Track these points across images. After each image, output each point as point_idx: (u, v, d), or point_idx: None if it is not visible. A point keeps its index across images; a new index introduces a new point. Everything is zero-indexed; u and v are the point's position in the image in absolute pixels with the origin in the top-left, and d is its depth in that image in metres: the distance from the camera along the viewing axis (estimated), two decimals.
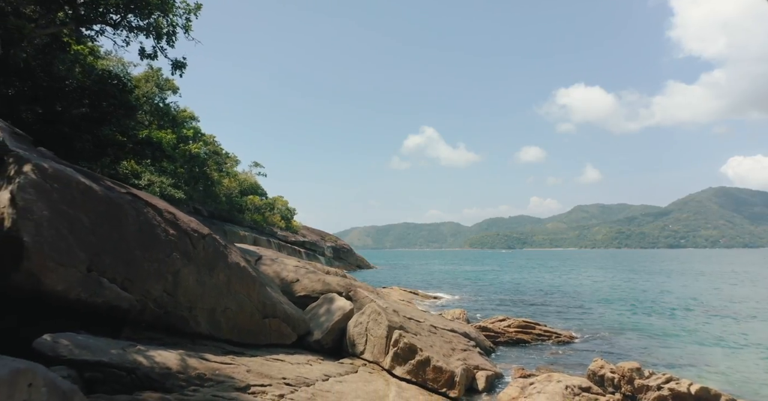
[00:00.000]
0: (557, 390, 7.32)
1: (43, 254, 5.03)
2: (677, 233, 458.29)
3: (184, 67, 12.99)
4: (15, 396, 1.74)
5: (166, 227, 6.42)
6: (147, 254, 6.03)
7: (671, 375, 7.39)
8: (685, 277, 39.45)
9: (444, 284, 32.55)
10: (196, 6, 12.62)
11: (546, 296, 23.99)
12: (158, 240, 6.24)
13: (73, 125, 12.68)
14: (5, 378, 1.67)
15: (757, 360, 10.94)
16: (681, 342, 12.86)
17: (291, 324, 8.02)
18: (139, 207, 6.24)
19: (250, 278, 7.46)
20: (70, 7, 11.81)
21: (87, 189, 5.66)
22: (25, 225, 4.96)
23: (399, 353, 7.75)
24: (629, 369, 7.27)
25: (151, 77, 30.10)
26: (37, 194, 5.18)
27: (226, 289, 6.99)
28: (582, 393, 7.36)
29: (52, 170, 5.46)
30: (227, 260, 7.17)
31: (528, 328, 13.02)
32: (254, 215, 47.91)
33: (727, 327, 15.14)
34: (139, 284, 5.85)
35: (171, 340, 6.21)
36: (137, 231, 6.03)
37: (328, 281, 10.11)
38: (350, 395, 5.99)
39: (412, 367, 7.63)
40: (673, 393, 6.92)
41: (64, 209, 5.34)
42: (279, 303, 7.97)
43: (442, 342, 9.00)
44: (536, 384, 7.57)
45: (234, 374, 5.56)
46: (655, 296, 24.68)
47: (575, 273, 45.55)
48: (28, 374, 1.86)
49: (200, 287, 6.58)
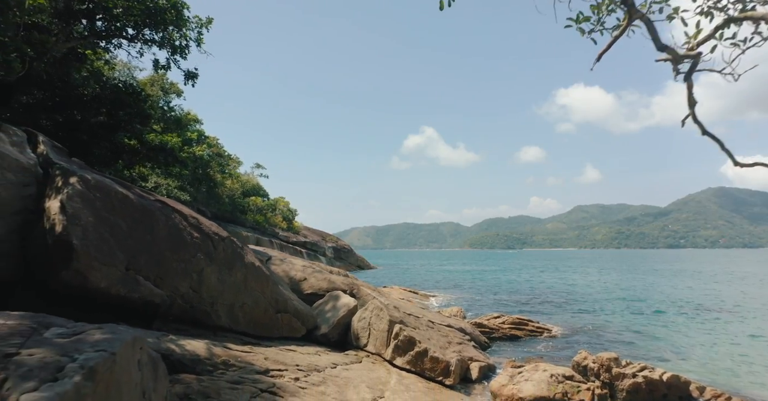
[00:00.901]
0: (543, 378, 8.07)
1: (89, 255, 5.77)
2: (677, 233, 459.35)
3: (196, 77, 13.73)
4: (134, 356, 2.48)
5: (191, 230, 7.17)
6: (175, 255, 6.78)
7: (646, 364, 8.15)
8: (680, 277, 40.19)
9: (443, 284, 33.29)
10: (207, 20, 13.36)
11: (541, 296, 24.73)
12: (184, 243, 6.98)
13: (92, 133, 13.43)
14: (129, 341, 2.41)
15: (735, 355, 11.68)
16: (665, 337, 13.60)
17: (300, 318, 8.77)
18: (167, 213, 6.98)
19: (264, 276, 8.21)
20: (88, 22, 12.55)
21: (124, 197, 6.41)
22: (74, 230, 5.70)
23: (399, 345, 8.49)
24: (607, 359, 8.01)
25: (156, 81, 30.86)
26: (83, 203, 5.92)
27: (243, 286, 7.74)
28: (566, 381, 8.10)
29: (95, 181, 6.21)
30: (244, 261, 7.92)
31: (521, 325, 13.77)
32: (256, 216, 48.65)
33: (711, 324, 15.89)
34: (168, 282, 6.60)
35: (196, 332, 6.95)
36: (167, 235, 6.78)
37: (333, 279, 10.85)
38: (356, 380, 6.74)
39: (411, 358, 8.37)
40: (646, 380, 7.67)
41: (105, 216, 6.09)
42: (290, 300, 8.72)
43: (439, 335, 9.75)
44: (524, 372, 8.31)
45: (253, 361, 6.30)
46: (645, 294, 25.43)
47: (572, 273, 46.31)
48: (140, 340, 2.59)
49: (221, 284, 7.32)
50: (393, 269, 59.67)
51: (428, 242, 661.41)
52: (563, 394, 7.82)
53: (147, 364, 2.75)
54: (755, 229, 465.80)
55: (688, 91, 3.00)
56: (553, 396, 7.75)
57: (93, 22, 12.42)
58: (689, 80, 3.04)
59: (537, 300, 22.56)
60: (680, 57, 2.98)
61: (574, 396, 7.85)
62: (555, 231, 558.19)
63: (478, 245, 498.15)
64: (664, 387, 7.73)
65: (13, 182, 6.09)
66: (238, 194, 47.76)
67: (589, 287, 30.75)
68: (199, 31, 13.25)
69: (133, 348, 2.43)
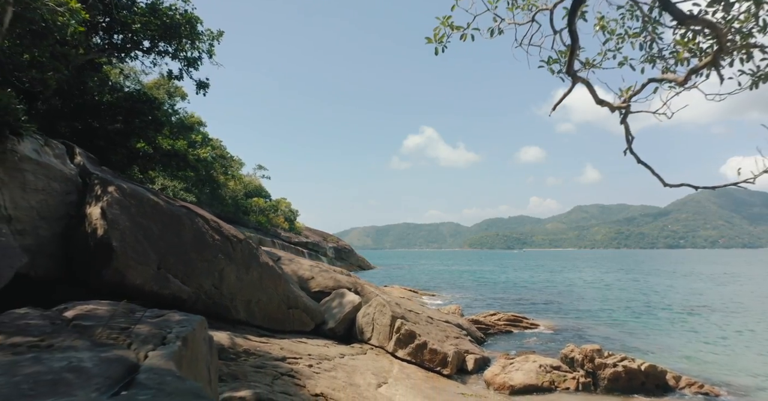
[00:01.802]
0: (532, 368, 8.82)
1: (127, 256, 6.52)
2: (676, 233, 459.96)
3: (207, 87, 14.47)
4: (202, 333, 3.24)
5: (212, 233, 7.92)
6: (200, 255, 7.53)
7: (626, 355, 8.90)
8: (675, 277, 40.94)
9: (443, 284, 34.03)
10: (218, 33, 14.11)
11: (538, 294, 25.48)
12: (207, 244, 7.73)
13: (108, 139, 14.17)
14: (200, 322, 3.16)
15: (717, 349, 12.43)
16: (652, 333, 14.36)
17: (310, 314, 9.52)
18: (192, 217, 7.73)
19: (277, 275, 8.96)
20: (107, 35, 13.30)
21: (155, 204, 7.16)
22: (113, 234, 6.45)
23: (401, 338, 9.25)
24: (591, 350, 8.76)
25: (162, 85, 31.62)
26: (121, 209, 6.67)
27: (259, 284, 8.48)
28: (553, 371, 8.86)
29: (129, 189, 6.96)
30: (259, 261, 8.67)
31: (516, 321, 14.52)
32: (259, 216, 49.37)
33: (699, 321, 16.64)
34: (194, 280, 7.35)
35: (217, 325, 7.70)
36: (192, 237, 7.52)
37: (338, 278, 11.60)
38: (362, 367, 7.49)
39: (412, 350, 9.12)
40: (626, 369, 8.42)
41: (139, 221, 6.84)
42: (300, 297, 9.47)
43: (437, 330, 10.50)
44: (515, 363, 9.07)
45: (271, 350, 7.05)
46: (638, 294, 26.18)
47: (570, 273, 47.06)
48: (204, 321, 3.35)
49: (239, 282, 8.07)
50: (393, 269, 60.43)
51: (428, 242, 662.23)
52: (550, 382, 8.58)
53: (207, 341, 3.51)
54: (755, 229, 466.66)
55: (625, 130, 3.77)
56: (541, 384, 8.51)
57: (112, 35, 13.17)
58: (625, 123, 3.80)
59: (533, 299, 23.32)
60: (614, 108, 3.73)
61: (560, 384, 8.61)
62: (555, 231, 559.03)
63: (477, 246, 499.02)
64: (642, 376, 8.48)
65: (58, 190, 6.84)
66: (241, 195, 48.51)
67: (585, 286, 31.51)
68: (210, 43, 14.00)
69: (201, 327, 3.19)
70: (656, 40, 3.70)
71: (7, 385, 1.79)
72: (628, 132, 3.76)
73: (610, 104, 3.74)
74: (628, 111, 3.75)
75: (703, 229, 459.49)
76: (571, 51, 3.44)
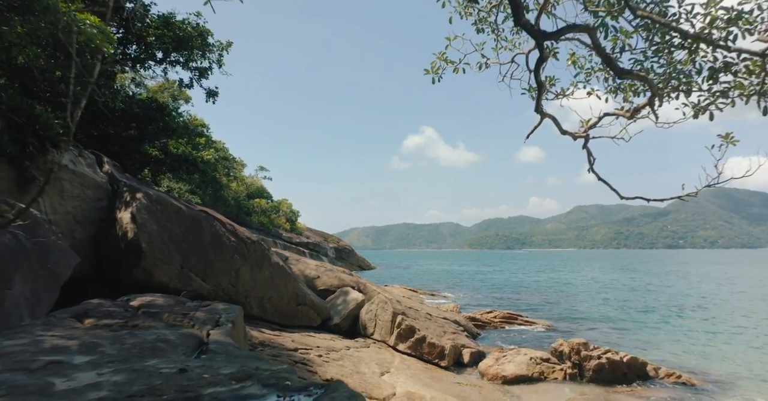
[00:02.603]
0: (523, 361, 9.52)
1: (154, 256, 7.21)
2: (676, 233, 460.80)
3: (217, 95, 15.17)
4: (241, 319, 3.94)
5: (229, 235, 8.61)
6: (217, 256, 8.23)
7: (610, 348, 9.60)
8: (671, 277, 41.67)
9: (442, 283, 34.74)
10: (227, 44, 14.80)
11: (535, 294, 26.20)
12: (224, 246, 8.43)
13: (123, 145, 14.87)
14: (240, 310, 3.86)
15: (700, 344, 13.13)
16: (642, 330, 15.06)
17: (317, 310, 10.22)
18: (210, 221, 8.43)
19: (286, 274, 9.66)
20: (120, 46, 13.99)
21: (178, 209, 7.86)
22: (143, 236, 7.15)
23: (401, 333, 9.95)
24: (577, 343, 9.47)
25: (166, 88, 32.33)
26: (148, 214, 7.37)
27: (270, 282, 9.18)
28: (542, 363, 9.56)
29: (155, 196, 7.66)
30: (270, 261, 9.37)
31: (511, 319, 15.23)
32: (261, 217, 50.05)
33: (688, 320, 17.35)
34: (213, 278, 8.05)
35: None
36: (211, 239, 8.22)
37: (342, 277, 12.30)
38: (367, 358, 8.19)
39: (412, 343, 9.83)
40: (609, 361, 9.13)
41: (165, 224, 7.54)
42: (307, 294, 10.17)
43: (435, 326, 11.20)
44: (508, 356, 9.77)
45: (283, 342, 7.76)
46: (632, 294, 26.90)
47: (567, 273, 47.79)
48: (241, 310, 4.06)
49: (253, 280, 8.77)
50: (393, 269, 61.11)
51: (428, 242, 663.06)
52: (540, 373, 9.29)
53: (243, 326, 4.21)
54: (754, 229, 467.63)
55: (587, 154, 4.48)
56: (531, 375, 9.21)
57: (126, 47, 13.86)
58: (586, 148, 4.51)
59: (530, 298, 24.03)
60: (576, 137, 4.43)
61: (549, 374, 9.31)
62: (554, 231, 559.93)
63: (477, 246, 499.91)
64: (624, 367, 9.19)
65: (91, 197, 7.53)
66: (243, 196, 49.19)
67: (581, 286, 32.22)
68: (219, 53, 14.69)
69: (240, 314, 3.89)
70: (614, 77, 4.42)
71: (122, 350, 2.49)
72: (590, 155, 4.47)
73: (572, 134, 4.44)
74: (587, 139, 4.46)
75: (703, 229, 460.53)
76: (538, 94, 4.13)
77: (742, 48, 3.14)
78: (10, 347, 2.32)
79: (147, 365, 2.21)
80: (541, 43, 3.53)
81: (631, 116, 4.10)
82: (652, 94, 3.72)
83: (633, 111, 4.04)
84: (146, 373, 2.07)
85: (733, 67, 3.43)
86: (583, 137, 4.42)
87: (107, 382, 1.94)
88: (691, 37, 3.26)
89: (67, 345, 2.44)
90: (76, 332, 2.74)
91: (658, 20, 3.28)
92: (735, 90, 3.41)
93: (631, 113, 4.07)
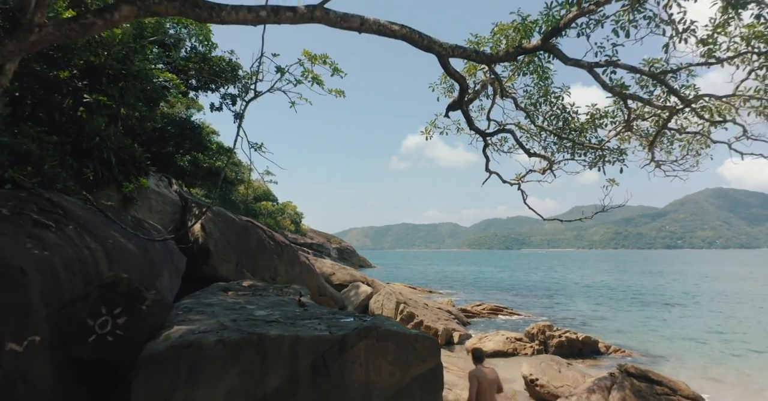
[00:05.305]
0: (500, 340, 11.93)
1: (219, 256, 9.61)
2: (674, 233, 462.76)
3: (243, 118, 17.52)
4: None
5: (268, 240, 11.01)
6: (261, 256, 10.63)
7: (569, 329, 12.02)
8: (666, 276, 44.09)
9: (441, 283, 37.10)
10: (253, 72, 17.18)
11: (524, 290, 28.61)
12: (266, 248, 10.82)
13: (163, 161, 17.25)
14: (306, 289, 6.27)
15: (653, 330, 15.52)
16: (614, 319, 17.47)
17: (334, 300, 12.63)
18: (255, 229, 10.83)
19: (312, 271, 12.06)
20: None
21: (232, 220, 10.26)
22: (210, 241, 9.55)
23: (403, 317, 12.35)
24: (543, 326, 11.88)
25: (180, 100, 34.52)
26: (213, 225, 9.76)
27: (300, 277, 11.58)
28: (516, 342, 11.97)
29: (217, 210, 10.06)
30: (299, 260, 11.77)
31: (497, 310, 17.64)
32: (267, 219, 52.27)
33: (662, 312, 19.77)
34: (258, 273, 10.44)
35: None
36: (256, 243, 10.62)
37: (354, 274, 14.71)
38: None
39: (411, 326, 12.22)
40: (567, 339, 11.54)
41: (224, 232, 9.93)
42: (327, 287, 12.58)
43: (431, 314, 13.60)
44: (489, 336, 12.18)
45: None
46: (612, 291, 29.32)
47: (559, 273, 50.20)
48: (306, 289, 6.45)
49: (287, 275, 11.17)
50: (392, 268, 63.45)
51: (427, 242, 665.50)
52: (513, 349, 11.69)
53: None
54: (752, 230, 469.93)
55: (522, 194, 6.91)
56: (506, 350, 11.62)
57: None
58: (521, 190, 6.92)
59: (519, 293, 26.45)
60: (513, 183, 6.83)
61: (521, 350, 11.72)
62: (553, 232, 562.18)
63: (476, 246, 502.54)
64: (580, 344, 11.61)
65: (168, 211, 9.93)
66: (251, 199, 51.48)
67: (568, 284, 34.63)
68: (246, 82, 17.06)
69: (307, 291, 6.29)
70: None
71: (266, 303, 4.88)
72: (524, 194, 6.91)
73: (510, 182, 6.84)
74: (520, 184, 6.88)
75: (701, 229, 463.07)
76: (486, 162, 6.56)
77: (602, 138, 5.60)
78: (216, 301, 4.72)
79: (285, 309, 4.59)
80: (485, 137, 5.94)
81: (543, 172, 6.57)
82: (550, 165, 6.18)
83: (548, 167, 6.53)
84: (289, 311, 4.46)
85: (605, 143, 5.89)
86: (518, 184, 6.85)
87: (274, 314, 4.34)
88: (578, 129, 5.73)
89: (238, 300, 4.83)
90: (233, 296, 5.13)
91: (560, 118, 5.74)
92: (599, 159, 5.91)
93: (543, 171, 6.53)
